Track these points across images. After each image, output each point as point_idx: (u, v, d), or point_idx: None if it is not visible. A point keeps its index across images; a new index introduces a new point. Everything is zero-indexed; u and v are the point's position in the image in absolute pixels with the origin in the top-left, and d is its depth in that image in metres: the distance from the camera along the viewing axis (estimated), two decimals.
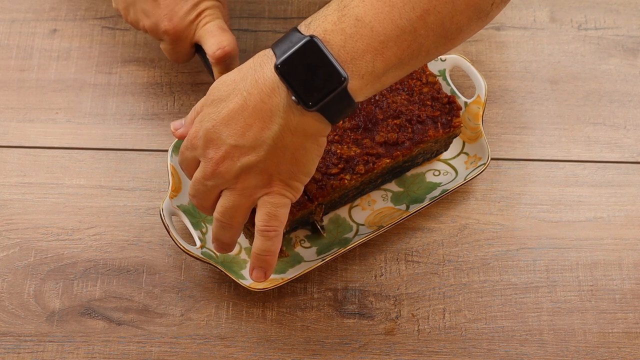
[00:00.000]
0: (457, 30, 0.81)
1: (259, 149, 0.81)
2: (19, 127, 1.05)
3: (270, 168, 0.82)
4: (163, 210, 0.94)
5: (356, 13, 0.78)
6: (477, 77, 1.02)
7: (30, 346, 0.93)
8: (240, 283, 0.93)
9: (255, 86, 0.80)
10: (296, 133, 0.81)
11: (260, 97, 0.80)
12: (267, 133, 0.80)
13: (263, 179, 0.83)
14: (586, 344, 0.95)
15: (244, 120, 0.81)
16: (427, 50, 0.81)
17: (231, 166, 0.82)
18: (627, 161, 1.04)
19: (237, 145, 0.81)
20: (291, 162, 0.82)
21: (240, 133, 0.81)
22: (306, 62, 0.78)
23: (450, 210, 1.01)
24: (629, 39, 1.10)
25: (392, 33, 0.78)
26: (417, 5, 0.78)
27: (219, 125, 0.81)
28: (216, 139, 0.82)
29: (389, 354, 0.94)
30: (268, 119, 0.80)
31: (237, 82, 0.82)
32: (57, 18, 1.11)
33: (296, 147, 0.81)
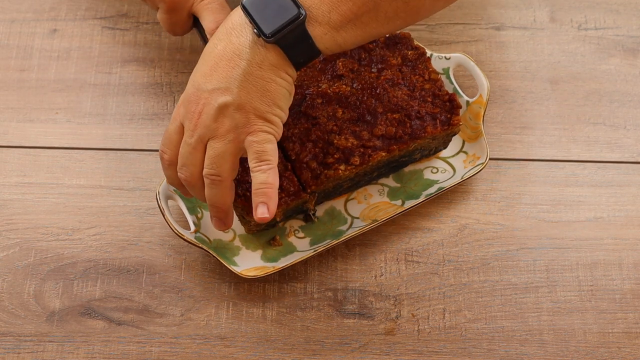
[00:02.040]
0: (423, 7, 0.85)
1: (232, 87, 0.84)
2: (19, 127, 1.05)
3: (245, 104, 0.84)
4: (159, 193, 0.94)
5: None
6: (480, 77, 1.02)
7: (30, 346, 0.93)
8: (231, 269, 0.93)
9: (225, 32, 0.85)
10: (263, 66, 0.84)
11: (229, 40, 0.84)
12: (237, 70, 0.84)
13: (241, 117, 0.85)
14: (586, 344, 0.95)
15: (216, 64, 0.84)
16: (385, 13, 0.84)
17: (210, 110, 0.85)
18: (627, 161, 1.04)
19: (213, 89, 0.84)
20: (263, 95, 0.84)
21: (215, 77, 0.84)
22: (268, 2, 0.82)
23: (450, 210, 1.01)
24: (629, 39, 1.10)
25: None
26: None
27: (198, 79, 0.85)
28: (196, 92, 0.85)
29: (389, 354, 0.94)
30: (237, 57, 0.84)
31: (212, 39, 0.86)
32: (57, 18, 1.11)
33: (265, 79, 0.84)
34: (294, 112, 0.95)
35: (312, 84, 0.97)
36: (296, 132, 0.95)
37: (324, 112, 0.95)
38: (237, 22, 0.84)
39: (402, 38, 1.00)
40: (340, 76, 0.97)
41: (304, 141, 0.94)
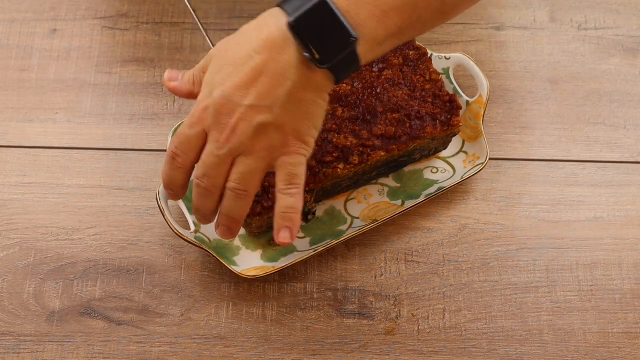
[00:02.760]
0: (453, 4, 0.84)
1: (274, 106, 0.81)
2: (19, 127, 1.05)
3: (286, 125, 0.82)
4: (159, 193, 0.94)
5: None
6: (480, 77, 1.02)
7: (30, 346, 0.93)
8: (231, 269, 0.93)
9: (265, 45, 0.80)
10: (307, 88, 0.81)
11: (271, 55, 0.80)
12: (281, 90, 0.81)
13: (279, 138, 0.82)
14: (586, 344, 0.95)
15: (257, 80, 0.80)
16: (424, 22, 0.84)
17: (247, 127, 0.81)
18: (627, 161, 1.04)
19: (252, 105, 0.81)
20: (305, 117, 0.83)
21: (254, 93, 0.81)
22: (320, 21, 0.79)
23: (450, 210, 1.01)
24: (629, 39, 1.10)
25: (394, 3, 0.81)
26: None
27: (231, 90, 0.81)
28: (229, 104, 0.81)
29: (389, 354, 0.94)
30: (281, 76, 0.80)
31: (242, 44, 0.81)
32: (57, 18, 1.11)
33: (308, 101, 0.82)
34: None
35: None
36: None
37: None
38: (277, 37, 0.80)
39: None
40: None
41: None
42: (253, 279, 0.96)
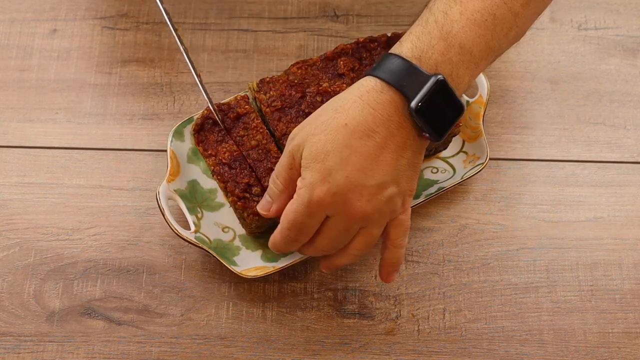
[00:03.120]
0: (524, 32, 0.88)
1: (400, 178, 0.83)
2: (19, 127, 1.05)
3: (406, 189, 0.85)
4: (159, 193, 0.94)
5: (459, 41, 0.82)
6: (480, 77, 1.02)
7: (30, 346, 0.93)
8: (231, 269, 0.93)
9: (382, 124, 0.81)
10: (421, 152, 0.85)
11: (390, 132, 0.81)
12: (403, 161, 0.83)
13: (401, 201, 0.85)
14: (586, 344, 0.94)
15: (379, 158, 0.82)
16: (500, 54, 0.87)
17: (377, 204, 0.83)
18: (627, 161, 1.04)
19: (378, 183, 0.82)
20: (416, 176, 0.86)
21: (380, 172, 0.82)
22: (438, 102, 0.82)
23: (450, 210, 1.01)
24: (629, 39, 1.10)
25: (485, 53, 0.84)
26: (504, 25, 0.83)
27: (355, 173, 0.81)
28: (356, 187, 0.82)
29: (389, 354, 0.94)
30: (401, 150, 0.82)
31: (351, 125, 0.82)
32: (57, 18, 1.11)
33: (419, 162, 0.85)
34: (294, 111, 0.95)
35: (313, 82, 0.97)
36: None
37: None
38: (394, 115, 0.81)
39: None
40: (341, 75, 0.97)
41: None
42: (253, 279, 0.96)
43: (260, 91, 0.96)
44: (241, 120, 0.95)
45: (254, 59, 1.09)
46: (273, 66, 1.08)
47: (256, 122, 0.95)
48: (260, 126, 0.95)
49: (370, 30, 1.10)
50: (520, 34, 0.86)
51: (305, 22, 1.11)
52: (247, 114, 0.95)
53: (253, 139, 0.94)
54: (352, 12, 1.12)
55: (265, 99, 0.96)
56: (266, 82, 0.97)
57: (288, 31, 1.11)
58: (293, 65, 0.98)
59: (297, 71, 0.98)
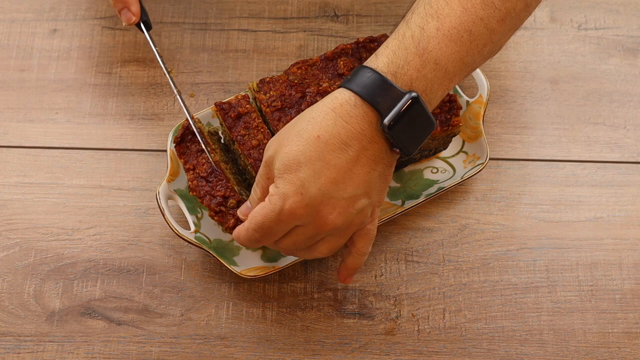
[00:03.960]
0: (500, 48, 0.88)
1: (371, 191, 0.84)
2: (19, 127, 1.05)
3: (377, 201, 0.86)
4: (159, 193, 0.94)
5: (435, 57, 0.82)
6: (480, 77, 1.02)
7: (30, 346, 0.93)
8: (231, 269, 0.93)
9: (355, 137, 0.82)
10: (392, 165, 0.85)
11: (362, 146, 0.82)
12: (374, 174, 0.84)
13: (370, 212, 0.86)
14: (586, 344, 0.95)
15: (352, 171, 0.82)
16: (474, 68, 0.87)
17: (348, 216, 0.84)
18: (627, 161, 1.04)
19: (351, 196, 0.83)
20: (386, 188, 0.86)
21: (352, 185, 0.82)
22: (410, 119, 0.82)
23: (450, 210, 1.01)
24: (629, 39, 1.10)
25: (459, 69, 0.84)
26: (480, 41, 0.84)
27: (327, 185, 0.82)
28: (329, 200, 0.82)
29: (389, 354, 0.94)
30: (373, 163, 0.83)
31: (323, 137, 0.82)
32: (57, 18, 1.11)
33: (389, 175, 0.86)
34: (294, 111, 0.95)
35: (313, 82, 0.97)
36: None
37: None
38: (368, 130, 0.82)
39: None
40: (341, 75, 0.97)
41: None
42: (253, 279, 0.96)
43: (260, 91, 0.96)
44: (242, 119, 0.95)
45: (254, 59, 1.09)
46: (273, 66, 1.08)
47: (257, 122, 0.95)
48: (261, 125, 0.95)
49: (370, 30, 1.10)
50: (495, 50, 0.86)
51: (305, 22, 1.11)
52: (248, 113, 0.95)
53: (254, 138, 0.94)
54: (352, 12, 1.12)
55: (265, 99, 0.96)
56: (266, 82, 0.97)
57: (288, 31, 1.11)
58: (293, 65, 0.98)
59: (297, 71, 0.98)
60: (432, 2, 0.83)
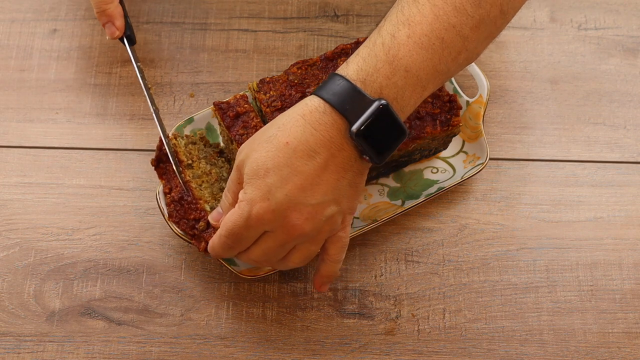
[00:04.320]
0: (477, 56, 0.87)
1: (340, 198, 0.84)
2: (19, 127, 1.05)
3: (347, 208, 0.86)
4: (159, 193, 0.94)
5: (405, 64, 0.82)
6: (480, 77, 1.02)
7: (30, 346, 0.93)
8: (231, 269, 0.93)
9: (323, 145, 0.82)
10: (363, 173, 0.85)
11: (331, 153, 0.82)
12: (344, 182, 0.83)
13: (340, 219, 0.86)
14: (586, 344, 0.95)
15: (320, 178, 0.82)
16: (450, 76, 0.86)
17: (316, 223, 0.84)
18: (627, 161, 1.04)
19: (319, 202, 0.83)
20: (358, 194, 0.86)
21: (319, 192, 0.83)
22: (380, 126, 0.82)
23: (450, 210, 1.01)
24: (629, 39, 1.10)
25: (432, 77, 0.83)
26: (453, 49, 0.83)
27: (295, 192, 0.82)
28: (296, 206, 0.82)
29: (389, 354, 0.94)
30: (342, 171, 0.83)
31: (292, 144, 0.82)
32: (57, 18, 1.11)
33: (362, 182, 0.85)
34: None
35: (313, 82, 0.97)
36: None
37: None
38: (337, 137, 0.82)
39: None
40: None
41: None
42: (253, 279, 0.96)
43: (260, 91, 0.96)
44: (240, 119, 0.95)
45: (254, 59, 1.09)
46: (273, 66, 1.08)
47: (255, 121, 0.95)
48: (259, 125, 0.95)
49: (370, 30, 1.10)
50: (472, 58, 0.86)
51: (305, 22, 1.11)
52: (247, 113, 0.95)
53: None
54: (352, 12, 1.12)
55: (265, 99, 0.96)
56: (266, 82, 0.97)
57: (288, 31, 1.11)
58: (293, 65, 0.98)
59: (297, 71, 0.98)
60: (404, 9, 0.83)
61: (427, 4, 0.82)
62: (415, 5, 0.82)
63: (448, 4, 0.82)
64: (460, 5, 0.82)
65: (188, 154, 0.96)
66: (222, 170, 0.96)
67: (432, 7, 0.82)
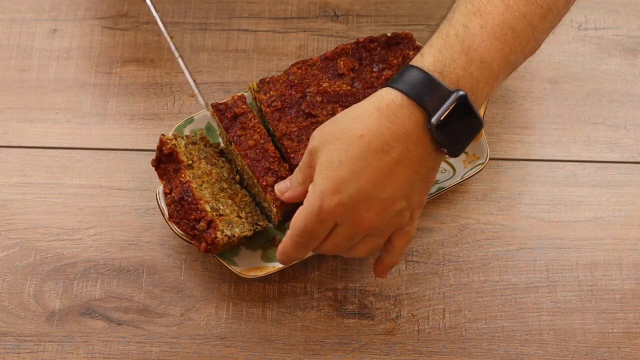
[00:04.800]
0: (540, 45, 0.87)
1: (411, 193, 0.83)
2: (19, 127, 1.05)
3: (417, 203, 0.85)
4: (159, 193, 0.94)
5: (480, 55, 0.82)
6: None
7: (30, 346, 0.93)
8: (231, 269, 0.93)
9: (399, 139, 0.81)
10: (436, 168, 0.85)
11: (406, 147, 0.81)
12: (416, 177, 0.83)
13: (409, 214, 0.85)
14: (586, 344, 0.94)
15: (393, 172, 0.82)
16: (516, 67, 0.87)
17: (386, 216, 0.83)
18: (627, 161, 1.04)
19: (389, 197, 0.82)
20: (428, 189, 0.86)
21: (391, 186, 0.82)
22: (458, 118, 0.81)
23: (450, 210, 1.01)
24: (629, 39, 1.10)
25: (504, 67, 0.83)
26: (523, 39, 0.83)
27: (367, 185, 0.81)
28: (367, 200, 0.82)
29: (389, 354, 0.94)
30: (416, 166, 0.82)
31: (367, 137, 0.81)
32: (57, 18, 1.11)
33: (432, 178, 0.85)
34: (294, 111, 0.95)
35: (313, 82, 0.97)
36: (295, 130, 0.95)
37: (323, 111, 0.95)
38: (413, 131, 0.81)
39: (404, 38, 0.99)
40: (341, 75, 0.97)
41: (302, 139, 0.94)
42: (253, 279, 0.96)
43: (260, 91, 0.96)
44: (238, 120, 0.95)
45: (254, 59, 1.09)
46: (273, 66, 1.08)
47: (253, 122, 0.95)
48: (257, 126, 0.95)
49: (370, 30, 1.10)
50: (536, 47, 0.86)
51: (305, 22, 1.11)
52: (245, 114, 0.95)
53: (251, 138, 0.94)
54: (352, 12, 1.12)
55: (265, 99, 0.96)
56: (266, 82, 0.97)
57: (288, 31, 1.11)
58: (293, 65, 0.98)
59: (297, 71, 0.98)
60: (473, 0, 0.83)
61: None
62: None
63: None
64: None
65: (188, 154, 0.96)
66: (222, 171, 0.96)
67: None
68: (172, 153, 0.94)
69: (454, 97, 0.80)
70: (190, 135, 0.98)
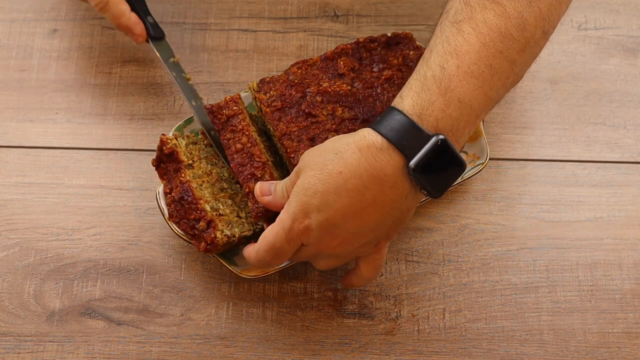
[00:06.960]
0: (522, 77, 0.87)
1: (379, 230, 0.85)
2: (19, 127, 1.05)
3: (384, 237, 0.87)
4: (159, 193, 0.94)
5: (458, 95, 0.82)
6: None
7: (30, 346, 0.93)
8: (231, 269, 0.93)
9: (375, 181, 0.82)
10: (410, 210, 0.85)
11: (381, 191, 0.82)
12: (388, 219, 0.84)
13: (372, 245, 0.87)
14: (586, 344, 0.95)
15: (364, 211, 0.83)
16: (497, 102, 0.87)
17: (349, 247, 0.85)
18: (627, 161, 1.04)
19: (356, 232, 0.84)
20: (398, 229, 0.87)
21: (360, 223, 0.83)
22: (438, 162, 0.82)
23: (450, 210, 1.01)
24: (629, 39, 1.10)
25: (485, 104, 0.83)
26: (502, 74, 0.83)
27: (336, 217, 0.83)
28: (332, 229, 0.84)
29: (389, 354, 0.94)
30: (389, 208, 0.83)
31: (345, 175, 0.82)
32: (57, 18, 1.11)
33: (405, 219, 0.86)
34: (294, 111, 0.95)
35: (313, 82, 0.97)
36: (295, 130, 0.94)
37: (323, 111, 0.95)
38: (391, 175, 0.82)
39: (404, 38, 0.99)
40: (341, 75, 0.97)
41: (302, 139, 0.94)
42: (253, 279, 0.96)
43: (260, 91, 0.96)
44: (230, 122, 0.95)
45: (254, 59, 1.09)
46: (273, 66, 1.08)
47: (242, 125, 0.94)
48: (246, 128, 0.94)
49: (370, 30, 1.10)
50: (518, 80, 0.86)
51: (305, 22, 1.11)
52: (235, 116, 0.95)
53: (238, 142, 0.94)
54: (352, 12, 1.12)
55: (266, 99, 0.96)
56: (266, 82, 0.97)
57: (288, 31, 1.11)
58: (293, 65, 0.98)
59: (297, 71, 0.98)
60: (449, 39, 0.83)
61: (472, 33, 0.82)
62: (461, 34, 0.82)
63: (493, 30, 0.82)
64: (505, 30, 0.82)
65: (189, 154, 0.96)
66: (222, 171, 0.96)
67: (478, 35, 0.82)
68: (172, 153, 0.94)
69: (433, 141, 0.81)
70: (190, 135, 0.98)
